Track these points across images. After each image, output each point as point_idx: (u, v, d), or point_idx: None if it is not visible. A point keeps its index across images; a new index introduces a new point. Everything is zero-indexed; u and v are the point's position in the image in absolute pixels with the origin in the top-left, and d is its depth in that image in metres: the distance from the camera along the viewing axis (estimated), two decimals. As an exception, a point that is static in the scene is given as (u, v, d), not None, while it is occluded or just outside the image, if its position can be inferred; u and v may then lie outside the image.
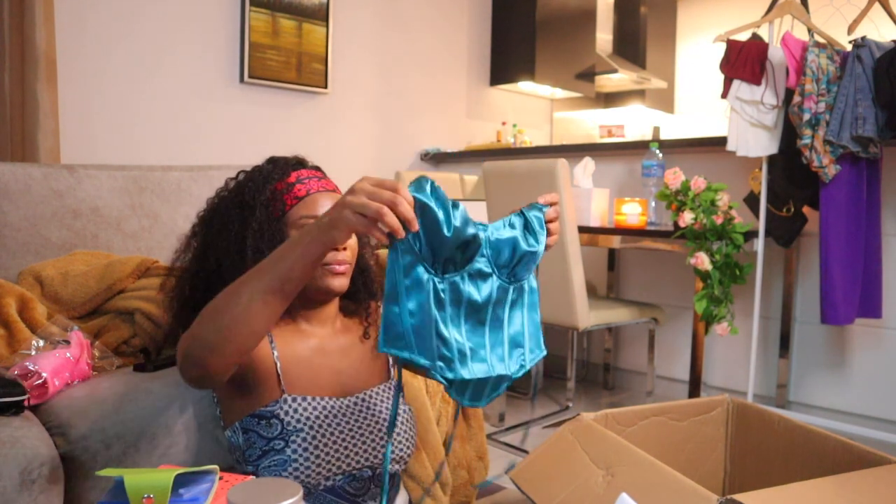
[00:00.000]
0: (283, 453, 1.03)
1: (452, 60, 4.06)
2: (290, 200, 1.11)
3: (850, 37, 2.23)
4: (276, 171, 1.14)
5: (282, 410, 1.05)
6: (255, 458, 1.05)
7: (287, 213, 1.11)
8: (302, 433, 1.04)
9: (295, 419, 1.04)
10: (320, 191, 1.12)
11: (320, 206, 1.10)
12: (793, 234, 2.41)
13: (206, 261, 1.14)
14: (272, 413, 1.05)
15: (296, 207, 1.11)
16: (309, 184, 1.13)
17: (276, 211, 1.11)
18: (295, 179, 1.13)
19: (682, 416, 1.16)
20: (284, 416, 1.04)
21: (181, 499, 0.79)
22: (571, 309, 2.34)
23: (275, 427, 1.04)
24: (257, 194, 1.12)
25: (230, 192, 1.17)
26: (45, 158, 2.30)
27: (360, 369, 1.18)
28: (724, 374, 2.89)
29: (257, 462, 1.04)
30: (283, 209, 1.11)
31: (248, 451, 1.06)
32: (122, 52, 2.75)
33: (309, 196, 1.11)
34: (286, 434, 1.03)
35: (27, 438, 1.04)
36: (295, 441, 1.03)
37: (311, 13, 3.27)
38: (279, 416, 1.04)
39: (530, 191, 2.36)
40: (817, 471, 0.98)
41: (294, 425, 1.04)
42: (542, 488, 0.99)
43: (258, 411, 1.06)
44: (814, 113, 2.16)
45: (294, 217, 1.10)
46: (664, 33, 5.21)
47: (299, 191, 1.12)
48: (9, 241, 1.62)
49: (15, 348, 1.29)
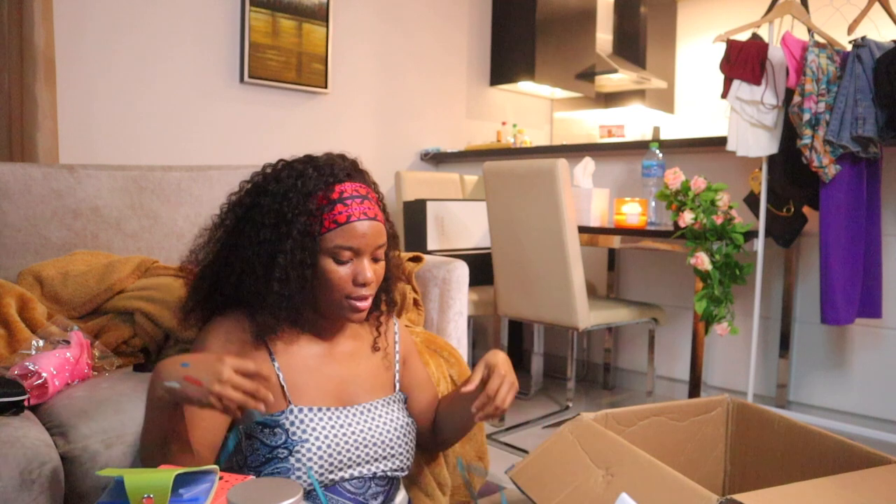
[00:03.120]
0: (286, 461, 1.03)
1: (452, 60, 4.06)
2: (328, 223, 1.05)
3: (850, 37, 2.23)
4: (320, 182, 1.06)
5: (287, 421, 1.05)
6: (257, 464, 1.05)
7: (323, 234, 1.05)
8: (307, 444, 1.04)
9: (300, 430, 1.05)
10: (361, 219, 1.06)
11: (358, 237, 1.05)
12: (793, 234, 2.41)
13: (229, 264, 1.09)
14: (277, 422, 1.05)
15: (333, 233, 1.05)
16: (351, 207, 1.06)
17: (313, 230, 1.05)
18: (338, 196, 1.06)
19: (682, 416, 1.16)
20: (290, 426, 1.05)
21: (181, 499, 0.79)
22: (571, 309, 2.34)
23: (279, 436, 1.04)
24: (297, 210, 1.05)
25: (267, 193, 1.08)
26: (44, 158, 2.29)
27: (366, 379, 1.17)
28: (724, 374, 2.89)
29: (259, 469, 1.05)
30: (320, 230, 1.05)
31: (250, 456, 1.06)
32: (121, 52, 2.75)
33: (349, 224, 1.05)
34: (290, 444, 1.04)
35: (27, 438, 1.03)
36: (299, 451, 1.03)
37: (311, 13, 3.27)
38: (284, 425, 1.05)
39: (530, 191, 2.36)
40: (817, 471, 0.98)
41: (299, 436, 1.04)
42: (542, 488, 0.99)
43: (263, 419, 1.06)
44: (814, 113, 2.16)
45: (329, 243, 1.05)
46: (664, 33, 5.21)
47: (339, 214, 1.05)
48: (9, 241, 1.62)
49: (15, 348, 1.29)
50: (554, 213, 2.29)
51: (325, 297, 1.08)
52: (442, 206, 2.90)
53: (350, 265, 1.07)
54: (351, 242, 1.05)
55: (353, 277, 1.07)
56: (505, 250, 2.53)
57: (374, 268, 1.09)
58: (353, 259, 1.07)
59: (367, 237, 1.06)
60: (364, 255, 1.07)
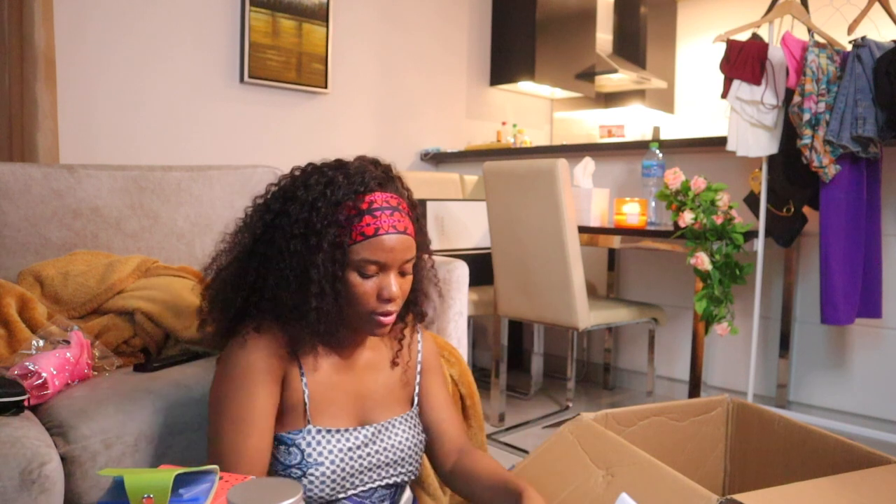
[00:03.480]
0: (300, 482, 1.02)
1: (452, 60, 4.06)
2: (356, 235, 1.01)
3: (850, 37, 2.23)
4: (350, 190, 1.02)
5: (304, 441, 1.04)
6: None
7: (350, 246, 1.01)
8: (322, 467, 1.03)
9: (316, 452, 1.04)
10: (389, 232, 1.01)
11: (386, 252, 1.01)
12: (793, 234, 2.41)
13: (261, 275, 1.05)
14: (293, 441, 1.04)
15: (359, 245, 1.00)
16: (380, 219, 1.01)
17: (342, 241, 1.01)
18: (367, 207, 1.01)
19: (682, 416, 1.16)
20: (306, 447, 1.04)
21: (181, 499, 0.79)
22: (571, 309, 2.34)
23: (294, 455, 1.03)
24: (327, 220, 1.00)
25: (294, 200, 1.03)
26: (44, 158, 2.29)
27: (385, 395, 1.15)
28: (724, 374, 2.89)
29: None
30: (347, 242, 1.01)
31: None
32: (121, 52, 2.75)
33: (376, 237, 1.01)
34: (305, 465, 1.03)
35: (27, 438, 1.03)
36: (313, 474, 1.03)
37: (311, 13, 3.27)
38: (300, 445, 1.04)
39: (530, 191, 2.36)
40: (817, 471, 0.98)
41: (315, 458, 1.03)
42: (542, 488, 0.99)
43: (279, 435, 1.04)
44: (814, 113, 2.16)
45: (356, 256, 1.01)
46: (664, 33, 5.21)
47: (367, 226, 1.01)
48: (9, 241, 1.62)
49: (15, 348, 1.29)
50: (554, 213, 2.29)
51: (349, 310, 1.04)
52: (442, 206, 2.90)
53: (375, 279, 1.03)
54: (377, 256, 1.01)
55: (377, 292, 1.03)
56: (505, 250, 2.53)
57: (400, 282, 1.05)
58: (378, 273, 1.03)
59: (395, 252, 1.02)
60: (391, 270, 1.03)
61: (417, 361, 1.23)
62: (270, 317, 1.06)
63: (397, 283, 1.04)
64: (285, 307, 1.03)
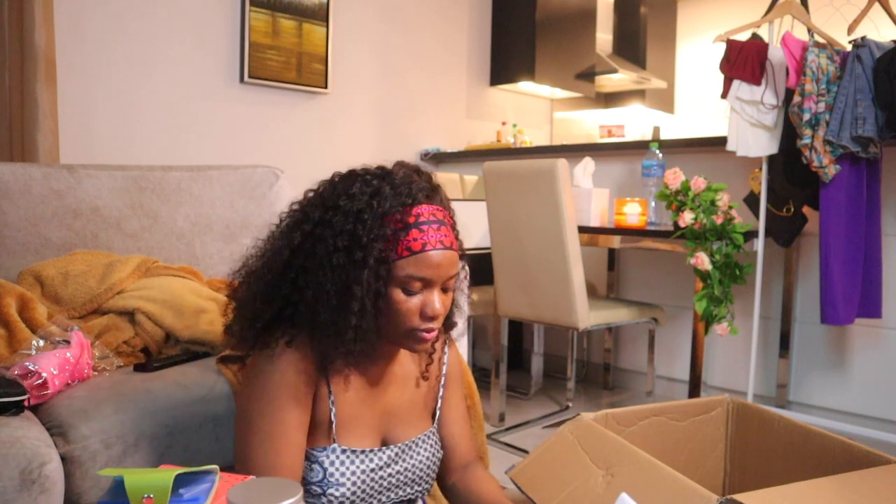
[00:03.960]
0: (318, 499, 1.01)
1: (452, 60, 4.06)
2: (401, 250, 0.96)
3: (850, 37, 2.23)
4: (397, 203, 0.97)
5: (328, 460, 1.02)
6: None
7: (395, 261, 0.96)
8: (342, 487, 1.02)
9: (339, 472, 1.02)
10: (436, 248, 0.97)
11: (432, 268, 0.97)
12: (793, 234, 2.41)
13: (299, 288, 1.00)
14: (317, 458, 1.02)
15: (405, 260, 0.96)
16: (427, 234, 0.97)
17: (387, 256, 0.96)
18: (414, 220, 0.97)
19: (682, 416, 1.16)
20: (329, 465, 1.02)
21: (181, 499, 0.79)
22: (571, 309, 2.34)
23: (316, 472, 1.01)
24: (373, 234, 0.95)
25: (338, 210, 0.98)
26: (45, 158, 2.30)
27: (410, 411, 1.13)
28: (724, 374, 2.89)
29: None
30: (392, 257, 0.96)
31: None
32: (121, 52, 2.75)
33: (423, 253, 0.96)
34: (326, 484, 1.01)
35: (27, 438, 1.03)
36: (333, 494, 1.01)
37: (311, 13, 3.27)
38: (323, 463, 1.02)
39: (530, 191, 2.36)
40: (817, 471, 0.98)
41: (337, 478, 1.02)
42: (542, 488, 0.99)
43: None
44: (814, 113, 2.16)
45: (400, 272, 0.96)
46: (664, 33, 5.21)
47: (414, 241, 0.96)
48: (9, 241, 1.62)
49: (15, 348, 1.29)
50: (554, 213, 2.29)
51: (389, 327, 1.00)
52: (442, 206, 2.90)
53: (419, 296, 0.99)
54: (423, 273, 0.97)
55: (421, 309, 0.99)
56: (505, 250, 2.53)
57: (443, 299, 1.01)
58: (422, 290, 0.99)
59: (441, 268, 0.98)
60: (435, 287, 0.99)
61: (442, 374, 1.20)
62: (303, 331, 1.01)
63: (440, 300, 1.00)
64: (322, 323, 0.98)
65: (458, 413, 1.22)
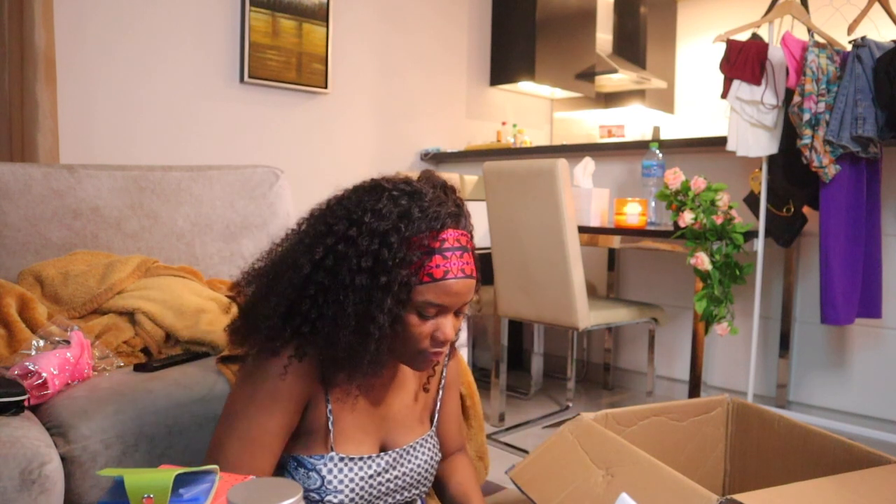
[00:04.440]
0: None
1: (452, 60, 4.06)
2: (423, 275, 0.94)
3: (850, 37, 2.23)
4: (424, 226, 0.94)
5: (325, 468, 1.01)
6: None
7: (415, 286, 0.94)
8: (340, 495, 1.01)
9: (337, 479, 1.01)
10: (458, 277, 0.95)
11: (451, 296, 0.96)
12: (793, 234, 2.41)
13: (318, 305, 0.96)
14: (314, 467, 1.01)
15: (425, 286, 0.94)
16: (450, 261, 0.95)
17: (408, 279, 0.94)
18: (438, 246, 0.94)
19: (682, 416, 1.16)
20: (327, 473, 1.01)
21: (181, 499, 0.79)
22: (571, 309, 2.34)
23: (314, 480, 1.01)
24: (397, 260, 0.92)
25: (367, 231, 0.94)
26: (44, 158, 2.30)
27: (408, 415, 1.13)
28: (724, 374, 2.89)
29: None
30: (413, 282, 0.94)
31: None
32: (121, 52, 2.75)
33: (444, 281, 0.95)
34: (323, 492, 1.01)
35: (27, 438, 1.03)
36: (331, 501, 1.01)
37: (311, 13, 3.27)
38: (321, 472, 1.01)
39: (530, 191, 2.36)
40: (817, 471, 0.98)
41: (335, 486, 1.01)
42: (542, 488, 0.99)
43: (300, 458, 1.02)
44: (814, 113, 2.16)
45: (419, 297, 0.94)
46: (664, 33, 5.21)
47: (437, 268, 0.94)
48: (9, 241, 1.62)
49: (15, 348, 1.29)
50: (554, 213, 2.29)
51: (399, 347, 0.99)
52: (442, 206, 2.90)
53: (433, 321, 0.98)
54: (442, 300, 0.95)
55: (432, 333, 0.98)
56: (505, 250, 2.53)
57: (455, 323, 1.01)
58: (436, 315, 0.98)
59: (459, 296, 0.97)
60: (449, 312, 0.99)
61: (442, 376, 1.20)
62: (314, 347, 0.99)
63: (452, 325, 1.00)
64: (339, 344, 0.95)
65: (452, 414, 1.24)
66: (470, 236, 1.01)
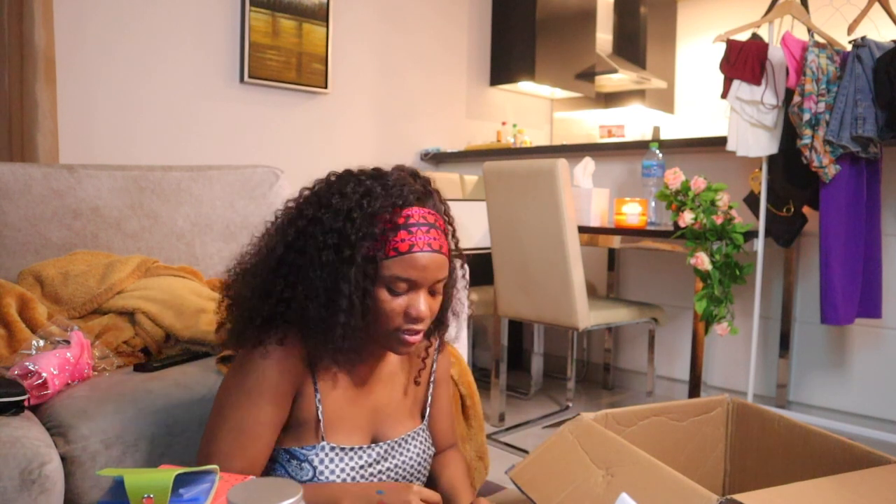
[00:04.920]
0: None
1: (452, 60, 4.06)
2: (389, 250, 0.97)
3: (850, 37, 2.23)
4: (388, 203, 0.98)
5: (317, 458, 1.02)
6: None
7: (382, 261, 0.97)
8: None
9: (328, 469, 1.02)
10: (424, 250, 0.98)
11: (418, 270, 0.98)
12: (793, 234, 2.41)
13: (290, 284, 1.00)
14: (306, 457, 1.02)
15: (392, 261, 0.97)
16: (415, 236, 0.98)
17: (373, 253, 0.97)
18: (403, 222, 0.98)
19: (682, 416, 1.16)
20: (319, 463, 1.02)
21: (181, 499, 0.79)
22: (571, 309, 2.34)
23: (306, 471, 1.02)
24: (361, 233, 0.96)
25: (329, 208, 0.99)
26: (44, 158, 2.30)
27: (399, 409, 1.14)
28: (724, 374, 2.89)
29: None
30: (379, 256, 0.97)
31: None
32: (121, 52, 2.75)
33: (410, 255, 0.97)
34: (316, 482, 1.01)
35: (27, 438, 1.03)
36: None
37: (311, 13, 3.27)
38: (312, 462, 1.02)
39: (530, 191, 2.36)
40: (817, 471, 0.98)
41: (327, 476, 1.02)
42: (542, 488, 0.99)
43: (292, 450, 1.03)
44: (814, 113, 2.16)
45: (387, 272, 0.97)
46: (664, 33, 5.21)
47: (402, 242, 0.97)
48: (9, 241, 1.62)
49: (15, 348, 1.29)
50: (554, 213, 2.29)
51: (375, 327, 1.01)
52: (442, 206, 2.90)
53: (405, 297, 0.99)
54: (409, 274, 0.97)
55: (405, 310, 0.99)
56: (505, 250, 2.53)
57: (429, 301, 1.02)
58: (408, 291, 0.99)
59: (427, 270, 0.98)
60: (421, 289, 1.00)
61: (431, 376, 1.21)
62: (295, 328, 1.02)
63: (426, 303, 1.01)
64: (312, 320, 0.99)
65: (444, 411, 1.25)
66: (441, 217, 1.04)
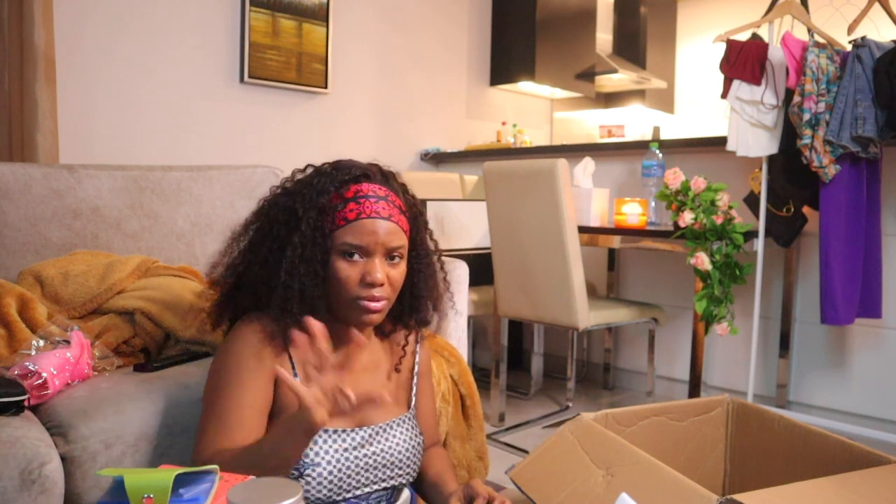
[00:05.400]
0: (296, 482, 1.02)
1: (452, 60, 4.06)
2: (338, 220, 1.04)
3: (850, 37, 2.23)
4: (336, 180, 1.05)
5: None
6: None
7: (333, 231, 1.04)
8: (319, 467, 1.03)
9: (313, 451, 1.03)
10: (371, 216, 1.03)
11: (367, 235, 1.03)
12: (793, 234, 2.41)
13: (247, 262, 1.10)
14: None
15: (342, 230, 1.03)
16: (363, 205, 1.04)
17: (325, 227, 1.04)
18: (352, 195, 1.04)
19: (682, 416, 1.16)
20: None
21: (181, 499, 0.79)
22: (571, 309, 2.34)
23: None
24: (309, 205, 1.04)
25: (286, 192, 1.09)
26: (44, 158, 2.29)
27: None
28: (724, 374, 2.89)
29: None
30: (330, 227, 1.04)
31: None
32: (121, 52, 2.75)
33: (357, 221, 1.03)
34: (302, 466, 1.02)
35: (27, 438, 1.03)
36: (310, 475, 1.02)
37: (311, 13, 3.27)
38: None
39: (530, 191, 2.36)
40: (817, 471, 0.98)
41: (311, 458, 1.03)
42: (542, 488, 0.99)
43: None
44: (814, 113, 2.16)
45: (338, 241, 1.04)
46: (664, 33, 5.21)
47: (350, 212, 1.03)
48: (9, 241, 1.62)
49: (15, 348, 1.29)
50: (554, 213, 2.29)
51: (336, 297, 1.06)
52: (442, 206, 2.90)
53: (360, 264, 1.04)
54: (359, 240, 1.03)
55: (361, 277, 1.04)
56: (505, 250, 2.53)
57: (388, 270, 1.06)
58: (363, 258, 1.04)
59: (377, 235, 1.03)
60: (374, 255, 1.04)
61: (415, 367, 1.24)
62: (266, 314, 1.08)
63: (383, 270, 1.05)
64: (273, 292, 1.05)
65: (429, 406, 1.29)
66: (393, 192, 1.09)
